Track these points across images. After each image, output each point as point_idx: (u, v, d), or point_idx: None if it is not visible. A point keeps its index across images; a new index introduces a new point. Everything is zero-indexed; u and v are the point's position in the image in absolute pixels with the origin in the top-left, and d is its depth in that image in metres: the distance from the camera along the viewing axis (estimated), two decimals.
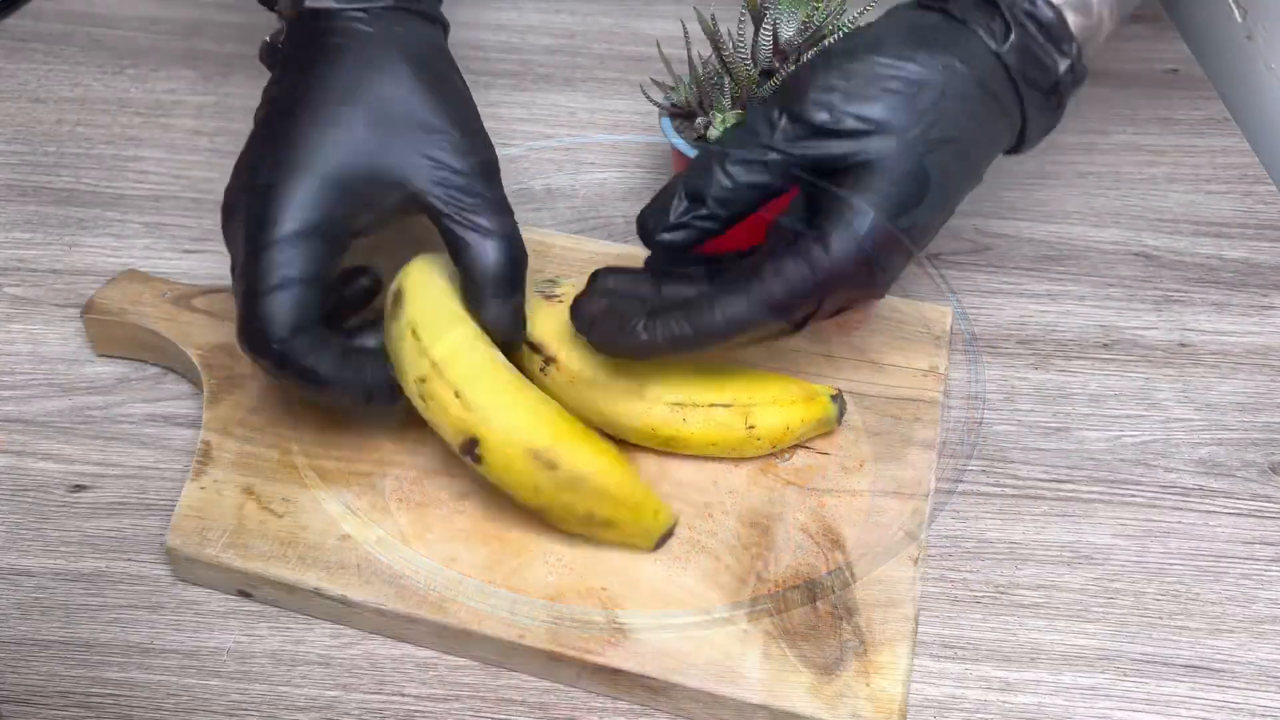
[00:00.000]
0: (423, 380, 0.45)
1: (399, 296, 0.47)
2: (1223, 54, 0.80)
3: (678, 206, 0.46)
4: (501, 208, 0.47)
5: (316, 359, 0.45)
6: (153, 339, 0.54)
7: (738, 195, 0.45)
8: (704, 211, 0.46)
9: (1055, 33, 0.46)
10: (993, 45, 0.45)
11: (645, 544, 0.46)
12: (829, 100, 0.44)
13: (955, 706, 0.44)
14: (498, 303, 0.46)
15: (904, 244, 0.44)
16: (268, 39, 0.52)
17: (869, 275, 0.44)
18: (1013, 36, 0.45)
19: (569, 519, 0.45)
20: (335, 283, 0.47)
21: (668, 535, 0.46)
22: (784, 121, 0.45)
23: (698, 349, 0.44)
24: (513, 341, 0.48)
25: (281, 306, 0.44)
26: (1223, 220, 0.67)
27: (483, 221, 0.46)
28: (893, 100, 0.44)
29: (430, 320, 0.46)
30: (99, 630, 0.46)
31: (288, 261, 0.44)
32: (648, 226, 0.47)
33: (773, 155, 0.45)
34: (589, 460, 0.44)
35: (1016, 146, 0.49)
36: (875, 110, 0.44)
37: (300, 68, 0.48)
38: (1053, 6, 0.46)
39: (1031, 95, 0.46)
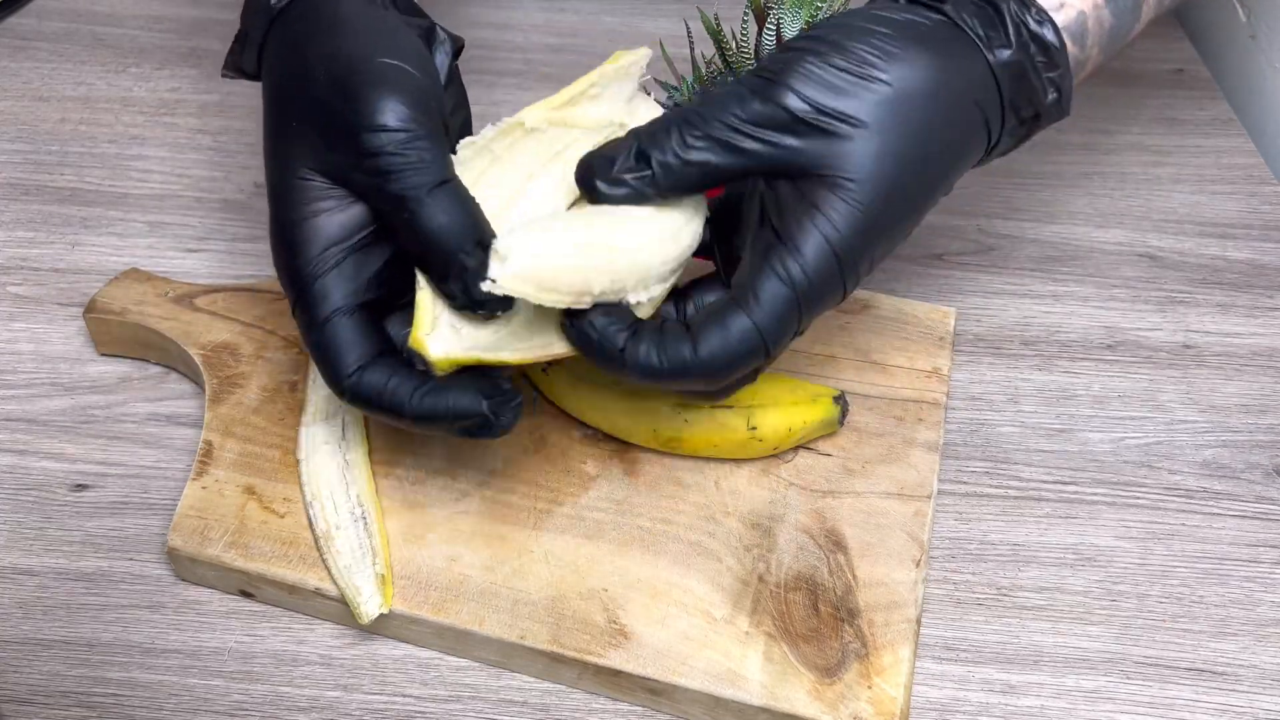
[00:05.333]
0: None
1: None
2: (1227, 54, 0.80)
3: (624, 162, 0.40)
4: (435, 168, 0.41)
5: (391, 393, 0.41)
6: (155, 338, 0.54)
7: (687, 171, 0.40)
8: (647, 174, 0.40)
9: (1053, 59, 0.43)
10: (991, 59, 0.42)
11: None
12: (812, 93, 0.40)
13: (957, 709, 0.44)
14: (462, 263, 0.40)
15: (870, 256, 0.41)
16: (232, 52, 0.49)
17: (840, 289, 0.41)
18: (1012, 53, 0.42)
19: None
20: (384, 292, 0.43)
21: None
22: (758, 105, 0.40)
23: (673, 384, 0.41)
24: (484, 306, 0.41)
25: (334, 341, 0.42)
26: (1228, 221, 0.67)
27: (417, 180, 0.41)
28: (881, 103, 0.40)
29: None
30: (101, 630, 0.46)
31: (325, 292, 0.42)
32: (590, 172, 0.41)
33: (745, 141, 0.40)
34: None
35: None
36: (861, 110, 0.40)
37: (294, 45, 0.45)
38: (1056, 30, 0.43)
39: (1011, 120, 0.44)
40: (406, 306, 0.42)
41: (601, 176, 0.40)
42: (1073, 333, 0.60)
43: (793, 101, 0.40)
